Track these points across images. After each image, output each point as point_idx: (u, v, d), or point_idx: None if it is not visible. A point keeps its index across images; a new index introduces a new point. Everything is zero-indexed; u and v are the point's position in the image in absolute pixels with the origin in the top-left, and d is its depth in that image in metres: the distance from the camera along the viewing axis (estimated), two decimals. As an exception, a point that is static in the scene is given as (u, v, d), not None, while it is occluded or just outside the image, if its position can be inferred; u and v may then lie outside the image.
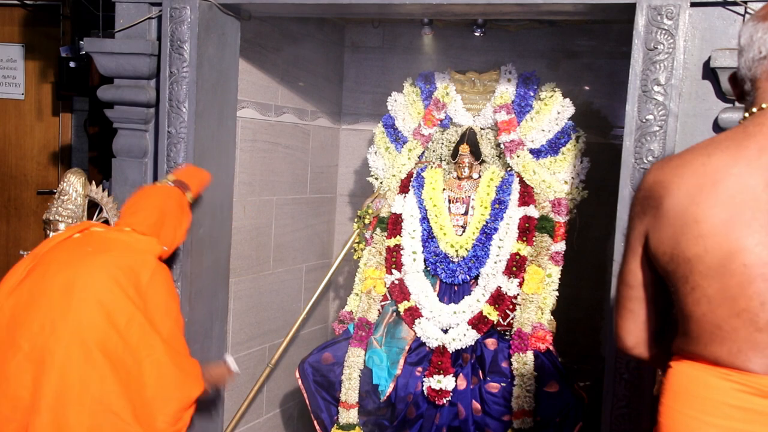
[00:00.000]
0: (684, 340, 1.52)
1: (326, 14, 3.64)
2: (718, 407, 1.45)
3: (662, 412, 1.54)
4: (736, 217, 1.41)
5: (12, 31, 5.04)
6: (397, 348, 3.30)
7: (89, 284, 2.22)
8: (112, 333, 2.18)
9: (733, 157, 1.45)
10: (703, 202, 1.44)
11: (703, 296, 1.44)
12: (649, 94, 2.50)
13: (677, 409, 1.51)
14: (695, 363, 1.50)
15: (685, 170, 1.48)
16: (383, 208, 3.57)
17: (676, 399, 1.52)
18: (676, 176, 1.49)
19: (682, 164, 1.50)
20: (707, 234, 1.42)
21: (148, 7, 3.16)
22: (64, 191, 3.04)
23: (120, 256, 2.33)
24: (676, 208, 1.47)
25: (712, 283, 1.43)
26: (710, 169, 1.45)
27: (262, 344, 3.80)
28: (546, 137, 3.35)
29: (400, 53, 4.17)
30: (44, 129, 5.04)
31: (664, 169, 1.52)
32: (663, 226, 1.49)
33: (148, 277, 2.33)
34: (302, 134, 4.01)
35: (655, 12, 2.48)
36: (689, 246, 1.44)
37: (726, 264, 1.41)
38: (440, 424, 3.17)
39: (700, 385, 1.48)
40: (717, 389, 1.46)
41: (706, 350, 1.47)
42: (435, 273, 3.40)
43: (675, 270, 1.48)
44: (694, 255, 1.44)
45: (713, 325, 1.44)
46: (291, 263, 4.01)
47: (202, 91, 3.08)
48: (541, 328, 3.14)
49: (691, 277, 1.45)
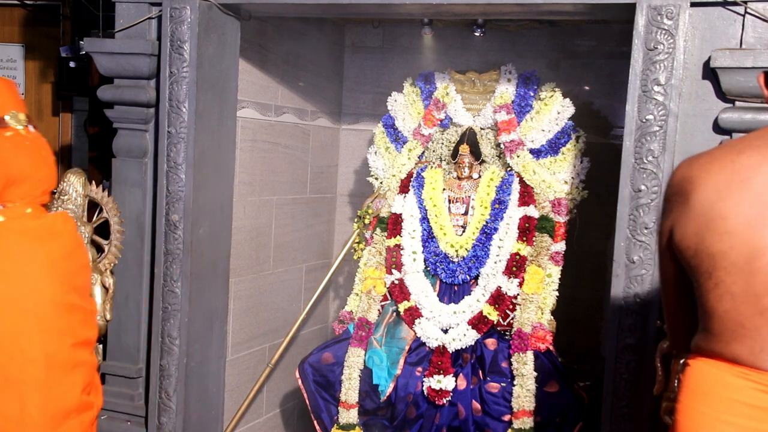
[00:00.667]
0: (704, 338, 1.52)
1: (326, 14, 3.64)
2: (735, 406, 1.45)
3: (679, 409, 1.54)
4: (764, 215, 1.40)
5: (12, 31, 5.04)
6: (397, 348, 3.30)
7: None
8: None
9: (764, 155, 1.44)
10: (730, 198, 1.43)
11: (726, 292, 1.44)
12: (649, 94, 2.50)
13: (694, 408, 1.50)
14: (713, 361, 1.50)
15: (713, 166, 1.48)
16: (383, 208, 3.57)
17: (694, 397, 1.52)
18: (703, 172, 1.48)
19: (711, 161, 1.49)
20: (733, 231, 1.42)
21: (148, 7, 3.16)
22: (64, 191, 3.04)
23: None
24: (703, 203, 1.46)
25: (737, 279, 1.42)
26: (739, 167, 1.45)
27: (262, 344, 3.80)
28: (546, 137, 3.35)
29: (400, 53, 4.17)
30: (44, 129, 5.02)
31: (692, 165, 1.52)
32: (688, 221, 1.49)
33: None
34: (302, 134, 4.01)
35: (655, 12, 2.48)
36: (714, 242, 1.44)
37: (751, 261, 1.40)
38: (440, 424, 3.17)
39: (718, 384, 1.48)
40: (735, 388, 1.45)
41: (727, 348, 1.46)
42: (435, 273, 3.40)
43: (699, 265, 1.48)
44: (719, 251, 1.43)
45: (735, 322, 1.44)
46: (291, 263, 4.01)
47: (202, 91, 3.08)
48: (541, 328, 3.14)
49: (715, 273, 1.45)
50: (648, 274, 2.54)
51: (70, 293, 2.15)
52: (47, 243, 2.12)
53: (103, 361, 3.26)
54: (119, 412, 3.33)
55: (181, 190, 3.08)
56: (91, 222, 3.10)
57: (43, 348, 2.06)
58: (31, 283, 2.06)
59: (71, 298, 2.15)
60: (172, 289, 3.12)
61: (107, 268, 3.10)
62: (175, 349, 3.13)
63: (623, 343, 2.59)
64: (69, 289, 2.16)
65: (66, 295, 2.18)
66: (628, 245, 2.56)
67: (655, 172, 2.52)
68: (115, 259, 3.15)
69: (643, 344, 2.56)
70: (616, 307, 2.60)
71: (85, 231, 3.04)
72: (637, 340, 2.56)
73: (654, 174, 2.52)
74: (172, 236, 3.11)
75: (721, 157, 1.49)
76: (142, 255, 3.29)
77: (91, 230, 3.07)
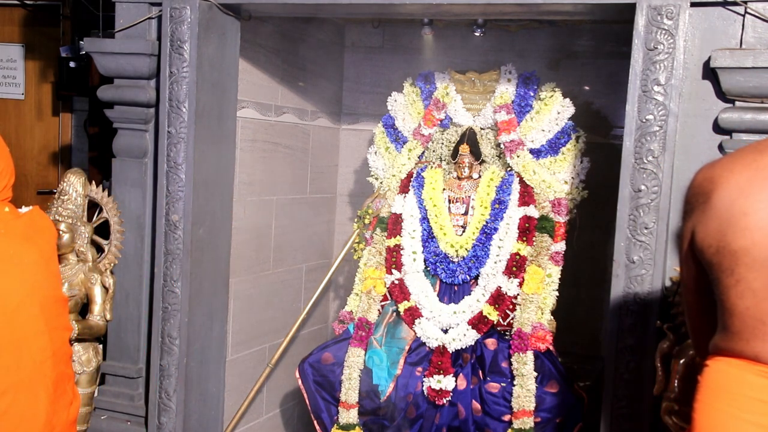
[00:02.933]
0: (723, 337, 1.51)
1: (326, 14, 3.64)
2: (756, 405, 1.44)
3: (698, 409, 1.53)
4: None
5: (12, 31, 5.05)
6: (397, 348, 3.30)
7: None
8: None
9: None
10: (752, 195, 1.43)
11: (747, 289, 1.43)
12: (649, 94, 2.50)
13: (716, 407, 1.50)
14: (734, 360, 1.49)
15: (735, 165, 1.48)
16: (383, 208, 3.57)
17: (714, 396, 1.51)
18: (725, 171, 1.48)
19: (733, 161, 1.50)
20: (755, 227, 1.41)
21: (148, 7, 3.16)
22: (64, 191, 3.04)
23: None
24: (725, 200, 1.46)
25: (758, 276, 1.42)
26: (762, 165, 1.45)
27: (262, 344, 3.80)
28: (546, 137, 3.35)
29: (400, 53, 4.17)
30: (44, 129, 5.04)
31: (714, 166, 1.52)
32: (710, 219, 1.48)
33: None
34: (302, 134, 4.01)
35: (655, 12, 2.48)
36: (736, 238, 1.43)
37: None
38: (440, 424, 3.17)
39: (739, 383, 1.47)
40: (756, 387, 1.45)
41: (748, 346, 1.45)
42: (435, 273, 3.40)
43: (720, 262, 1.47)
44: (741, 247, 1.43)
45: (756, 319, 1.43)
46: (291, 263, 4.01)
47: (202, 91, 3.08)
48: (541, 328, 3.14)
49: (736, 270, 1.44)
50: (648, 274, 2.54)
51: (60, 286, 2.17)
52: (37, 241, 2.13)
53: (103, 361, 3.26)
54: (119, 412, 3.33)
55: (181, 190, 3.08)
56: (91, 222, 3.10)
57: (52, 346, 2.07)
58: (33, 284, 2.07)
59: (61, 290, 2.17)
60: (172, 289, 3.12)
61: (107, 268, 3.11)
62: (175, 349, 3.13)
63: (623, 344, 2.59)
64: (60, 282, 2.18)
65: (60, 289, 2.20)
66: (628, 245, 2.56)
67: (655, 172, 2.52)
68: (115, 259, 3.15)
69: (643, 344, 2.56)
70: (616, 307, 2.60)
71: (85, 231, 3.04)
72: (637, 340, 2.56)
73: (654, 174, 2.52)
74: (172, 236, 3.11)
75: (742, 156, 1.50)
76: (142, 255, 3.29)
77: (91, 230, 3.08)
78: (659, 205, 2.52)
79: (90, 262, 3.03)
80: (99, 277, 3.01)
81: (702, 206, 1.51)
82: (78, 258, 3.02)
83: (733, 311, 1.47)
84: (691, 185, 1.56)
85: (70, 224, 2.97)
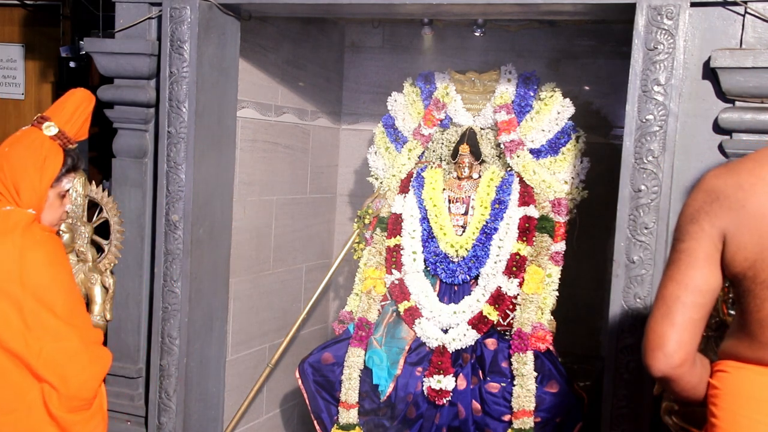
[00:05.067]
0: (751, 346, 1.52)
1: (326, 14, 3.64)
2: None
3: (721, 416, 1.54)
4: None
5: (12, 31, 5.04)
6: (397, 348, 3.30)
7: None
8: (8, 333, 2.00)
9: None
10: None
11: None
12: (649, 94, 2.51)
13: (742, 414, 1.51)
14: (759, 368, 1.50)
15: (763, 171, 1.46)
16: (383, 208, 3.57)
17: (741, 404, 1.52)
18: (754, 176, 1.46)
19: (756, 166, 1.48)
20: None
21: (148, 7, 3.16)
22: (64, 191, 3.04)
23: None
24: (763, 211, 1.44)
25: None
26: None
27: (262, 344, 3.80)
28: (546, 137, 3.35)
29: (400, 53, 4.17)
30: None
31: (737, 171, 1.49)
32: (746, 230, 1.46)
33: (17, 256, 2.02)
34: (302, 134, 4.01)
35: (655, 12, 2.48)
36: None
37: None
38: (440, 424, 3.18)
39: (766, 390, 1.49)
40: None
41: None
42: (435, 273, 3.40)
43: (756, 275, 1.46)
44: None
45: None
46: (291, 263, 4.01)
47: (202, 91, 3.08)
48: (541, 328, 3.14)
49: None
50: (648, 274, 2.54)
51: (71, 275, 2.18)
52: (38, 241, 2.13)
53: (103, 361, 3.26)
54: (119, 412, 3.33)
55: (181, 190, 3.08)
56: (91, 222, 3.10)
57: (82, 340, 2.08)
58: (53, 285, 2.07)
59: (72, 279, 2.19)
60: (172, 289, 3.12)
61: (107, 268, 3.10)
62: (175, 349, 3.13)
63: (623, 343, 2.60)
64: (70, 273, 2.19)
65: (73, 280, 2.21)
66: (628, 245, 2.56)
67: (655, 172, 2.52)
68: (115, 259, 3.15)
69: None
70: (616, 307, 2.61)
71: (85, 231, 3.04)
72: (637, 340, 2.56)
73: (654, 174, 2.52)
74: (172, 236, 3.11)
75: (765, 162, 1.47)
76: (142, 255, 3.30)
77: (91, 230, 3.08)
78: (659, 205, 2.52)
79: (90, 262, 3.03)
80: (99, 277, 3.01)
81: (733, 214, 1.47)
82: (78, 258, 3.02)
83: (764, 322, 1.47)
84: (703, 189, 1.52)
85: (70, 224, 2.97)
